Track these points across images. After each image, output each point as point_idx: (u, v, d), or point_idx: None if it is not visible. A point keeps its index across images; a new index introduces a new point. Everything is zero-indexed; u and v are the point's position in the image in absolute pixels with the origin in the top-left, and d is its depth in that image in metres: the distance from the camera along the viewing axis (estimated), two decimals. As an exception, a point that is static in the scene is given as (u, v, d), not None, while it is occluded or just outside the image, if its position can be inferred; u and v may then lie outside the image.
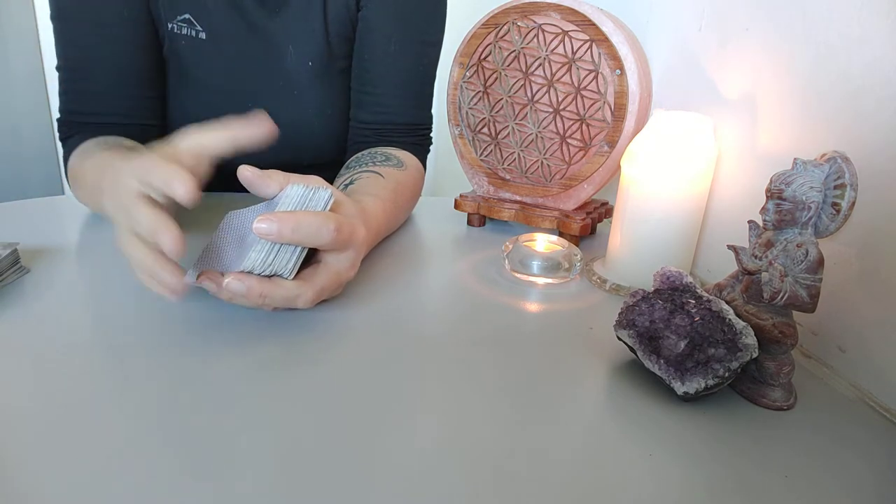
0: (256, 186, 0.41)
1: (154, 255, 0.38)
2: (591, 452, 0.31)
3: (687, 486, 0.29)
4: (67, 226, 0.62)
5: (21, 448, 0.28)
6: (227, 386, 0.34)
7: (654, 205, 0.50)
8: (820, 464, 0.31)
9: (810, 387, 0.38)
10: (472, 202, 0.68)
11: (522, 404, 0.35)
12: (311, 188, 0.41)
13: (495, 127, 0.66)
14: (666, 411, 0.34)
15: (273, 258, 0.38)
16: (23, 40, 1.76)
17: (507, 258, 0.55)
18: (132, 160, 0.41)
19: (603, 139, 0.59)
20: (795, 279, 0.34)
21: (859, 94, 0.39)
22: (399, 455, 0.30)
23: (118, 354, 0.37)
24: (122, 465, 0.28)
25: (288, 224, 0.37)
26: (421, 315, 0.47)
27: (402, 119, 0.72)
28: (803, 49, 0.44)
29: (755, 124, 0.49)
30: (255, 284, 0.38)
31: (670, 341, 0.36)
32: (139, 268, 0.39)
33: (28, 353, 0.37)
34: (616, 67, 0.56)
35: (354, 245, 0.43)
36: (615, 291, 0.52)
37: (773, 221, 0.35)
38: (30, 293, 0.45)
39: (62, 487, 0.26)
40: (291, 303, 0.40)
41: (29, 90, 1.80)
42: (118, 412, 0.32)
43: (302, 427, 0.31)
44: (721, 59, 0.54)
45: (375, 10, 0.69)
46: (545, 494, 0.27)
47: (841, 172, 0.33)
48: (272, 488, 0.27)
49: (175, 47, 0.66)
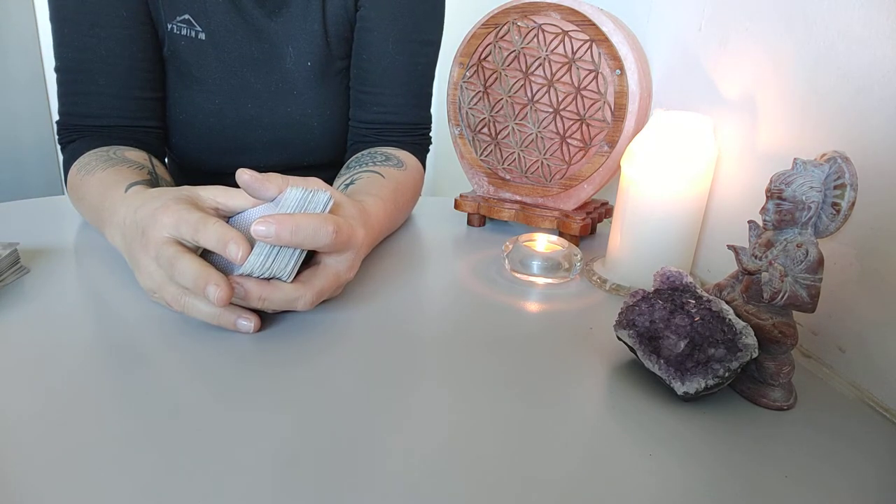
0: (255, 189, 0.41)
1: (218, 310, 0.39)
2: (591, 452, 0.31)
3: (687, 486, 0.29)
4: (67, 226, 0.62)
5: (21, 448, 0.28)
6: (226, 386, 0.34)
7: (654, 205, 0.50)
8: (820, 464, 0.31)
9: (810, 387, 0.38)
10: (472, 202, 0.68)
11: (522, 404, 0.35)
12: (310, 190, 0.41)
13: (495, 127, 0.66)
14: (666, 411, 0.34)
15: (272, 261, 0.38)
16: (23, 41, 1.76)
17: (507, 258, 0.55)
18: (149, 204, 0.41)
19: (603, 139, 0.59)
20: (795, 279, 0.34)
21: (859, 94, 0.39)
22: (399, 455, 0.30)
23: (118, 354, 0.37)
24: (122, 465, 0.28)
25: (287, 226, 0.37)
26: (421, 315, 0.47)
27: (401, 118, 0.72)
28: (803, 49, 0.44)
29: (755, 124, 0.49)
30: (254, 288, 0.38)
31: (670, 341, 0.36)
32: (208, 320, 0.40)
33: (28, 353, 0.37)
34: (616, 67, 0.56)
35: (354, 246, 0.43)
36: (615, 291, 0.52)
37: (773, 221, 0.35)
38: (30, 293, 0.45)
39: (62, 487, 0.26)
40: (291, 305, 0.40)
41: (29, 92, 1.80)
42: (118, 412, 0.32)
43: (302, 427, 0.31)
44: (721, 58, 0.54)
45: (374, 9, 0.69)
46: (545, 494, 0.27)
47: (841, 172, 0.33)
48: (273, 488, 0.27)
49: (174, 48, 0.66)
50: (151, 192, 0.44)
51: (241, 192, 0.42)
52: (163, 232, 0.39)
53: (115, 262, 0.51)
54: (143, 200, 0.43)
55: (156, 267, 0.40)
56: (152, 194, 0.43)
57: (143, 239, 0.40)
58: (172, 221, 0.39)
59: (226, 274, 0.38)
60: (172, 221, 0.39)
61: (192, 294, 0.39)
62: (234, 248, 0.36)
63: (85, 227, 0.61)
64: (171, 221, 0.39)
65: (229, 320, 0.40)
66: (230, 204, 0.43)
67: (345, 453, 0.29)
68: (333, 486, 0.27)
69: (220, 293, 0.36)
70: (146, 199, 0.43)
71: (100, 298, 0.45)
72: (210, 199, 0.42)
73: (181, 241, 0.39)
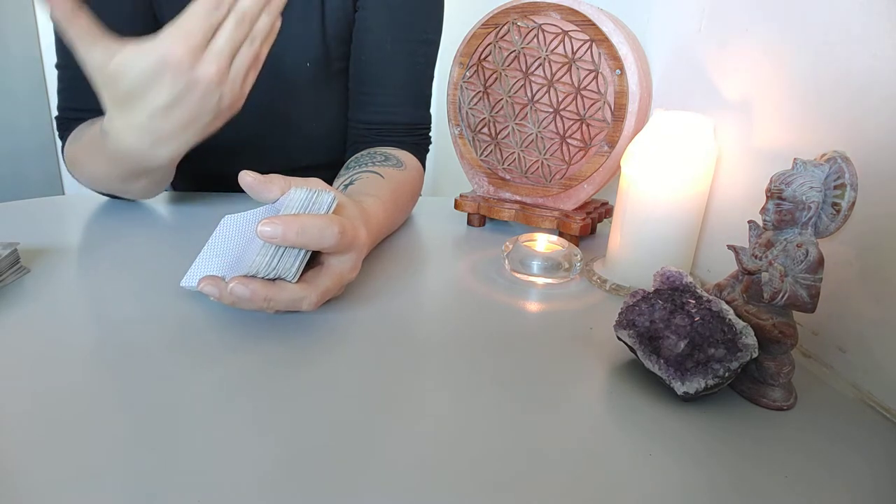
0: (258, 191, 0.41)
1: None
2: (590, 452, 0.31)
3: (687, 486, 0.29)
4: (67, 226, 0.62)
5: (21, 448, 0.28)
6: (227, 387, 0.34)
7: (654, 205, 0.50)
8: (820, 464, 0.31)
9: (810, 387, 0.38)
10: (472, 202, 0.68)
11: (522, 404, 0.35)
12: (313, 191, 0.41)
13: (495, 127, 0.66)
14: (666, 411, 0.34)
15: (277, 261, 0.38)
16: (23, 39, 1.76)
17: (507, 258, 0.55)
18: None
19: (603, 139, 0.59)
20: (795, 279, 0.34)
21: (859, 94, 0.39)
22: (399, 455, 0.30)
23: (118, 354, 0.37)
24: (122, 465, 0.28)
25: (292, 227, 0.37)
26: (421, 315, 0.47)
27: (400, 119, 0.72)
28: (803, 49, 0.44)
29: (755, 124, 0.49)
30: (260, 288, 0.38)
31: (670, 341, 0.36)
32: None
33: (28, 353, 0.37)
34: (616, 67, 0.56)
35: (356, 247, 0.43)
36: (615, 291, 0.52)
37: (773, 221, 0.35)
38: (30, 293, 0.45)
39: (62, 487, 0.26)
40: (296, 305, 0.40)
41: (28, 89, 1.81)
42: (118, 412, 0.32)
43: (303, 427, 0.31)
44: (721, 59, 0.54)
45: (372, 9, 0.69)
46: (545, 494, 0.27)
47: (841, 172, 0.33)
48: (274, 488, 0.27)
49: (175, 48, 0.66)
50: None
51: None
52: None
53: (115, 262, 0.51)
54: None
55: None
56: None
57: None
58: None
59: (231, 275, 0.38)
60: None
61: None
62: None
63: (85, 227, 0.61)
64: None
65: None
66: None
67: (346, 452, 0.29)
68: (334, 486, 0.27)
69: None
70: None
71: (100, 298, 0.45)
72: None
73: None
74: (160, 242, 0.57)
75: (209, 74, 0.44)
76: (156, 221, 0.63)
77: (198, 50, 0.43)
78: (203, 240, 0.47)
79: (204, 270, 0.44)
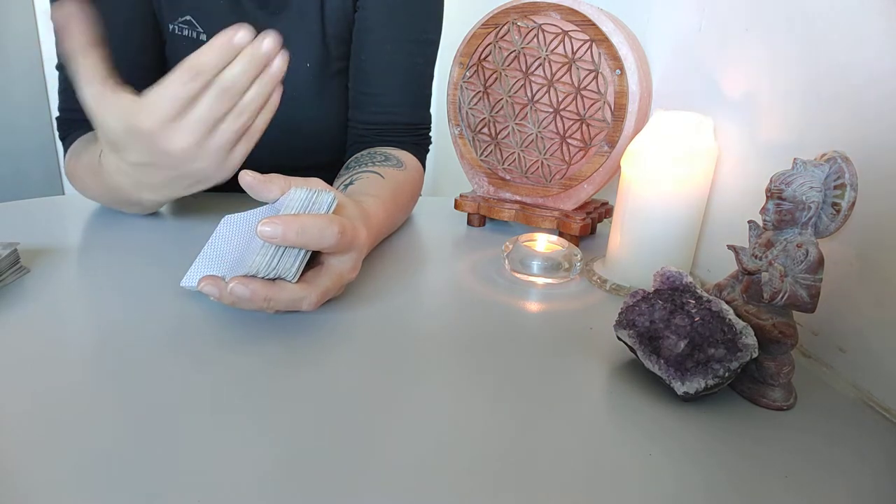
0: (258, 191, 0.41)
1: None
2: (590, 452, 0.31)
3: (686, 486, 0.29)
4: (67, 226, 0.62)
5: (21, 448, 0.28)
6: (228, 387, 0.34)
7: (654, 205, 0.50)
8: (820, 464, 0.31)
9: (810, 387, 0.38)
10: (472, 202, 0.68)
11: (522, 404, 0.35)
12: (313, 191, 0.41)
13: (495, 127, 0.66)
14: (666, 411, 0.34)
15: (277, 261, 0.38)
16: (23, 40, 1.76)
17: (507, 258, 0.55)
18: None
19: (603, 139, 0.59)
20: (795, 279, 0.34)
21: (859, 93, 0.39)
22: (400, 455, 0.30)
23: (118, 354, 0.37)
24: (122, 465, 0.28)
25: (293, 227, 0.37)
26: (421, 315, 0.47)
27: (400, 119, 0.72)
28: (803, 49, 0.44)
29: (755, 124, 0.49)
30: (260, 288, 0.38)
31: (670, 341, 0.36)
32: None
33: (28, 353, 0.37)
34: (616, 67, 0.56)
35: (357, 247, 0.43)
36: (615, 291, 0.52)
37: (773, 221, 0.35)
38: (30, 293, 0.45)
39: (62, 487, 0.26)
40: (296, 305, 0.40)
41: (28, 89, 1.80)
42: (118, 412, 0.32)
43: (303, 427, 0.31)
44: (721, 59, 0.54)
45: (372, 9, 0.69)
46: (545, 494, 0.27)
47: (841, 172, 0.33)
48: (274, 489, 0.27)
49: (176, 48, 0.66)
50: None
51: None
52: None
53: (115, 262, 0.51)
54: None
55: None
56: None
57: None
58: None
59: (230, 276, 0.38)
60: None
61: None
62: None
63: (85, 227, 0.61)
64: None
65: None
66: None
67: (347, 452, 0.29)
68: (334, 486, 0.27)
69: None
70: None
71: (100, 298, 0.45)
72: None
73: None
74: (160, 242, 0.57)
75: (180, 145, 0.42)
76: (156, 221, 0.63)
77: (167, 121, 0.42)
78: (203, 240, 0.47)
79: (204, 270, 0.44)
